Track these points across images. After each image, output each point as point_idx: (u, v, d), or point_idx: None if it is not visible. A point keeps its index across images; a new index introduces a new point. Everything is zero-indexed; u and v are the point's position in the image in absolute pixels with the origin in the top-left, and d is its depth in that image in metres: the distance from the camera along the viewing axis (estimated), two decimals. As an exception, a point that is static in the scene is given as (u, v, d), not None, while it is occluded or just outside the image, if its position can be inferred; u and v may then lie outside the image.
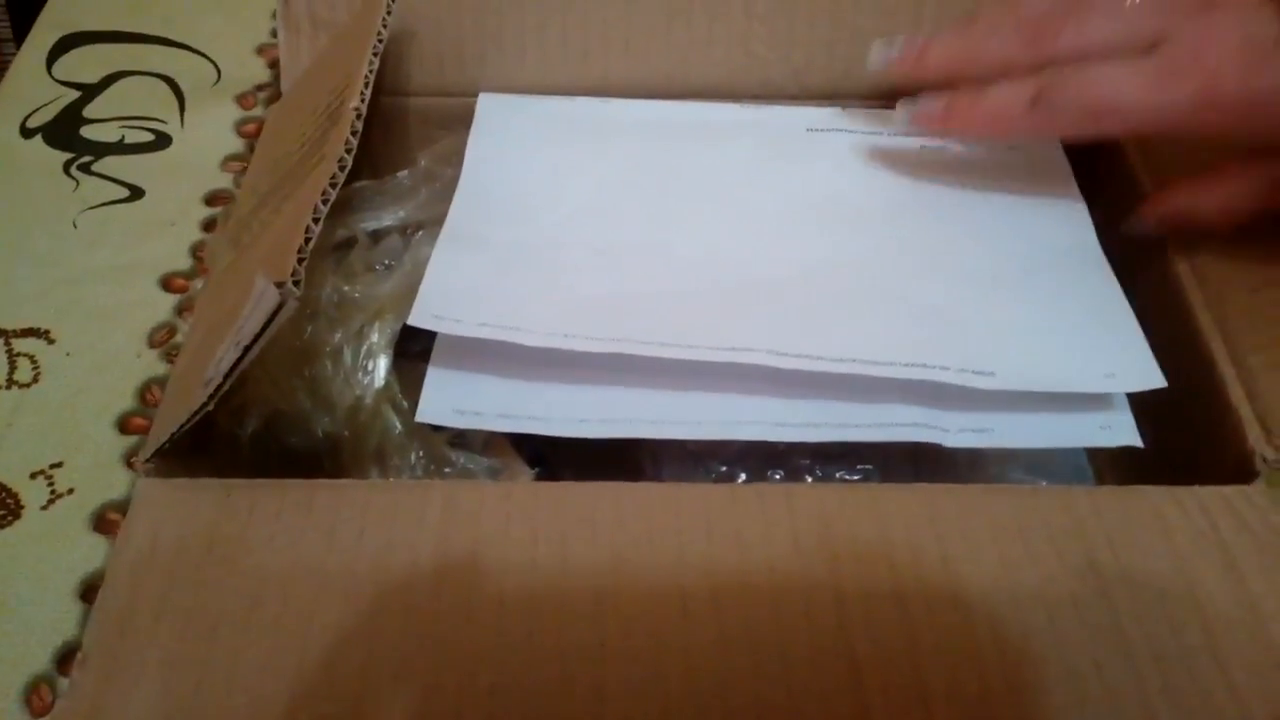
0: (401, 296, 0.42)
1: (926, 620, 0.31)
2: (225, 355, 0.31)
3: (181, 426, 0.33)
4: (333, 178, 0.34)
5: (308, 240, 0.32)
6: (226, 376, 0.31)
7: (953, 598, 0.32)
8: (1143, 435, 0.39)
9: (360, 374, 0.39)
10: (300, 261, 0.31)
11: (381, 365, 0.40)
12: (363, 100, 0.38)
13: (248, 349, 0.31)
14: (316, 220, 0.33)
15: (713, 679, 0.30)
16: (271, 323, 0.31)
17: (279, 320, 0.31)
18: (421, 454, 0.39)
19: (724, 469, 0.44)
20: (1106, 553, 0.33)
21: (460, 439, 0.42)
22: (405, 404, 0.40)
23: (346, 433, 0.39)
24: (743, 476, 0.44)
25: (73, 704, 0.30)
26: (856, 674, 0.30)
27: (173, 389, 0.39)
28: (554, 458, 0.44)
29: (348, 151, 0.35)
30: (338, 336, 0.40)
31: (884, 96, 0.50)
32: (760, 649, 0.31)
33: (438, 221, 0.44)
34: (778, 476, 0.44)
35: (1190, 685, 0.30)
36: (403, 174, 0.49)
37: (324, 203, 0.33)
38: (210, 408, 0.32)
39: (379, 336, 0.40)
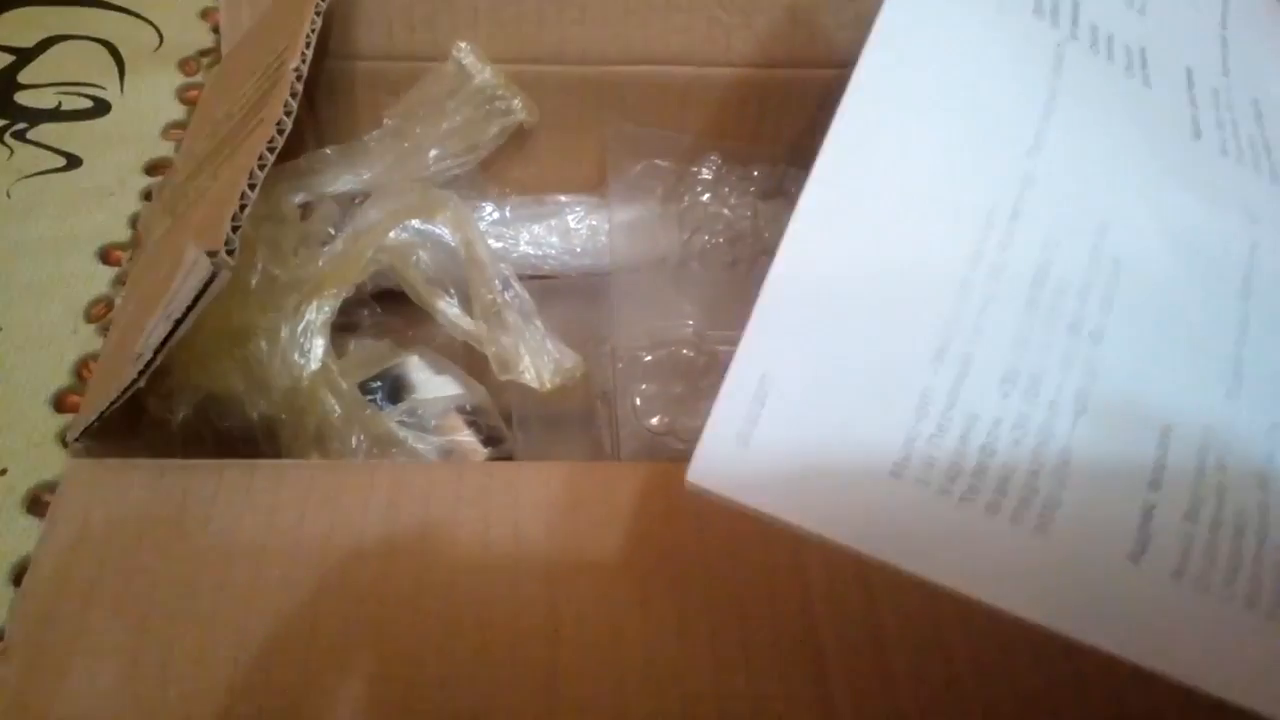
0: (341, 270, 0.40)
1: (891, 603, 0.30)
2: (155, 329, 0.29)
3: (111, 404, 0.31)
4: (270, 141, 0.32)
5: (243, 208, 0.30)
6: (157, 351, 0.30)
7: (918, 580, 0.31)
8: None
9: (296, 354, 0.37)
10: (234, 230, 0.29)
11: (319, 345, 0.38)
12: (304, 61, 0.36)
13: (179, 322, 0.29)
14: (253, 186, 0.31)
15: (671, 666, 0.29)
16: (204, 294, 0.29)
17: (212, 292, 0.29)
18: (363, 437, 0.37)
19: (683, 446, 0.43)
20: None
21: (410, 417, 0.40)
22: (344, 385, 0.38)
23: (284, 416, 0.37)
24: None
25: (-6, 698, 0.28)
26: (820, 659, 0.29)
27: (104, 365, 0.37)
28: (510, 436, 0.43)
29: (287, 114, 0.33)
30: (272, 315, 0.38)
31: (844, 64, 0.49)
32: (720, 634, 0.30)
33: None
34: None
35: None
36: (370, 135, 0.47)
37: (260, 168, 0.31)
38: (141, 384, 0.31)
39: (316, 315, 0.38)
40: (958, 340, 0.26)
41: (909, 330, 0.26)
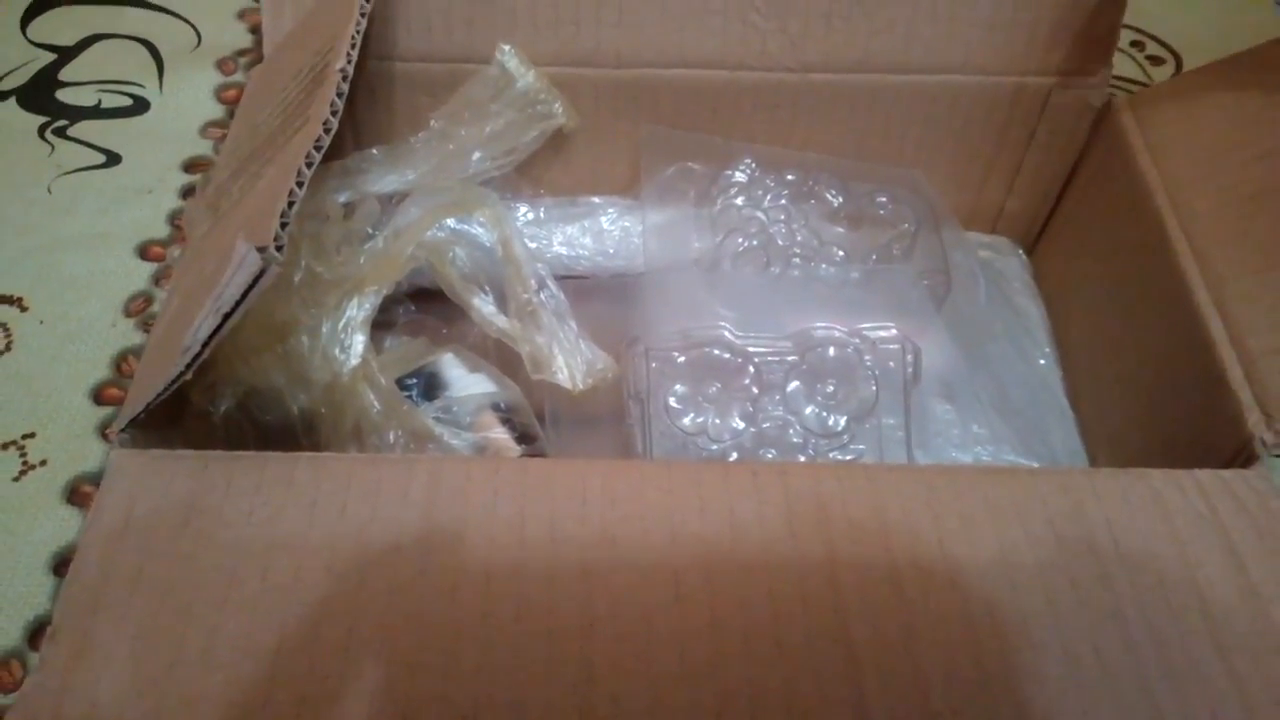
0: (382, 267, 0.40)
1: (923, 602, 0.31)
2: (204, 322, 0.30)
3: (158, 395, 0.32)
4: (317, 140, 0.33)
5: (291, 205, 0.31)
6: (205, 344, 0.30)
7: (950, 580, 0.31)
8: (1141, 418, 0.39)
9: (337, 350, 0.38)
10: (283, 226, 0.30)
11: (359, 341, 0.38)
12: (349, 62, 0.36)
13: (228, 316, 0.30)
14: (300, 184, 0.31)
15: (705, 662, 0.29)
16: (253, 289, 0.29)
17: (261, 286, 0.30)
18: (401, 433, 0.38)
19: (715, 447, 0.43)
20: (1106, 535, 0.32)
21: (445, 414, 0.41)
22: (383, 381, 0.39)
23: (323, 410, 0.37)
24: (734, 455, 0.43)
25: (42, 680, 0.29)
26: (852, 657, 0.29)
27: (149, 358, 0.38)
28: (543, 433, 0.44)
29: (333, 113, 0.34)
30: (313, 311, 0.38)
31: (878, 69, 0.49)
32: (753, 631, 0.30)
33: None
34: (770, 455, 0.43)
35: (1190, 669, 0.30)
36: (415, 137, 0.47)
37: (308, 165, 0.32)
38: (188, 376, 0.31)
39: (357, 311, 0.38)
40: None
41: None
